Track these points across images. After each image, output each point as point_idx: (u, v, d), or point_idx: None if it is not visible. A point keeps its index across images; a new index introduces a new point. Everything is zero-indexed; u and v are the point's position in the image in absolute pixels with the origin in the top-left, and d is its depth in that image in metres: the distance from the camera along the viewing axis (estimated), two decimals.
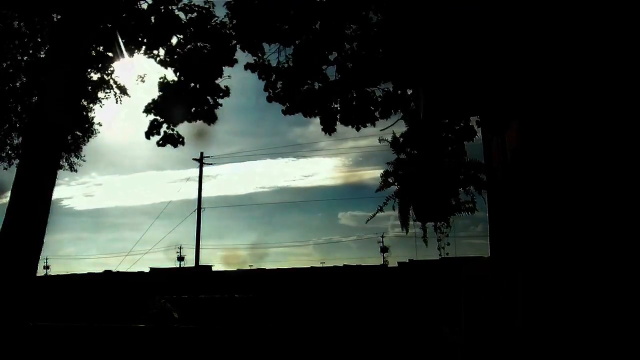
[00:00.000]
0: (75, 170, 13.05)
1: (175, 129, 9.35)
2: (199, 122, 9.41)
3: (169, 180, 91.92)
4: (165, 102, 9.12)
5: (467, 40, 3.00)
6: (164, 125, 9.28)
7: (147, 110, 9.17)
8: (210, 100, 9.22)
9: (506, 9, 2.82)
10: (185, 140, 9.47)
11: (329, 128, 8.50)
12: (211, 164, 31.61)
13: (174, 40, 9.29)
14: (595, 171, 2.31)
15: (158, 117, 9.19)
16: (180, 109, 9.11)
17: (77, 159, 12.98)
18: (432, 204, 4.67)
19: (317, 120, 8.62)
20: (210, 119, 9.26)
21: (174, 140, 9.30)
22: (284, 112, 8.51)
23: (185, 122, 9.39)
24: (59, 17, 9.85)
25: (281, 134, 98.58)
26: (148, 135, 9.24)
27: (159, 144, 9.24)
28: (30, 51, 10.92)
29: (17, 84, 11.23)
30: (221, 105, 9.34)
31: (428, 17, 3.19)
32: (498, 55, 2.92)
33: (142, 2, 9.32)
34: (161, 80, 9.25)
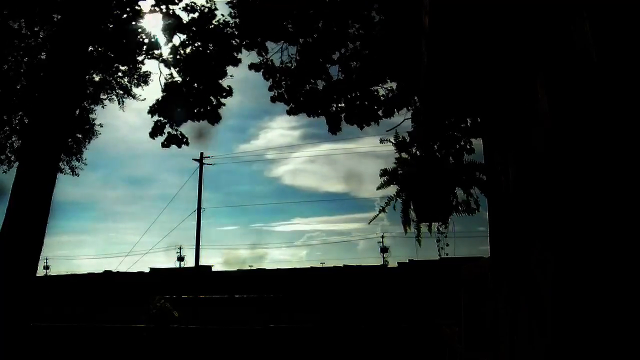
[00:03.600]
0: (77, 175, 12.83)
1: (179, 129, 9.39)
2: (200, 122, 9.45)
3: (169, 180, 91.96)
4: (169, 103, 9.16)
5: (469, 40, 2.98)
6: (168, 126, 9.32)
7: (152, 111, 9.19)
8: (214, 100, 9.25)
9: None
10: (189, 141, 9.54)
11: (334, 128, 8.52)
12: (211, 164, 31.52)
13: (177, 41, 9.31)
14: (599, 175, 2.31)
15: (162, 118, 9.22)
16: (184, 109, 9.15)
17: (79, 162, 12.79)
18: (433, 204, 4.66)
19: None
20: (214, 118, 9.30)
21: (178, 140, 9.33)
22: (288, 113, 8.54)
23: (188, 122, 9.42)
24: (59, 17, 9.85)
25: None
26: (152, 135, 9.28)
27: (163, 145, 9.27)
28: (31, 53, 10.88)
29: (18, 87, 11.17)
30: (224, 105, 9.40)
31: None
32: (505, 55, 2.88)
33: (142, 1, 9.34)
34: (166, 80, 9.30)
